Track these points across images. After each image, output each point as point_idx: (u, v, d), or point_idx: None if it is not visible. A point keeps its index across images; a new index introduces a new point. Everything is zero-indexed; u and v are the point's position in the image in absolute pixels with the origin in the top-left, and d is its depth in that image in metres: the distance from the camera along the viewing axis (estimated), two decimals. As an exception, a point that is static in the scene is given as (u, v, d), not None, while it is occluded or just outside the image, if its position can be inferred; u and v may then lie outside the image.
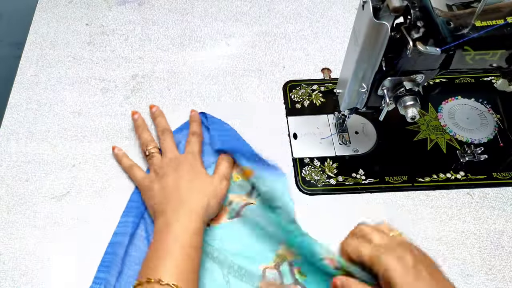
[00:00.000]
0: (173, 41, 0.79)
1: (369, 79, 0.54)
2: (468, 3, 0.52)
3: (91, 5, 0.83)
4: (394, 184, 0.63)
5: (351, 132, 0.67)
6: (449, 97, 0.71)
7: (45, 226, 0.59)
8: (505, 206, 0.61)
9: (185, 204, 0.55)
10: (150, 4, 0.84)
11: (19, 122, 0.69)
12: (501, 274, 0.56)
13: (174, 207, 0.55)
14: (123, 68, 0.75)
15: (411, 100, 0.53)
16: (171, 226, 0.53)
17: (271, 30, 0.80)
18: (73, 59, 0.76)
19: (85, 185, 0.63)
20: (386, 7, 0.47)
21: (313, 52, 0.77)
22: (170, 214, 0.54)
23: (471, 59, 0.51)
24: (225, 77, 0.74)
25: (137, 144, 0.67)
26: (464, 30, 0.48)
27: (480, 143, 0.66)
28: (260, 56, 0.77)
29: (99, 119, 0.69)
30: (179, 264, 0.50)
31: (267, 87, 0.73)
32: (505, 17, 0.48)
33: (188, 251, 0.51)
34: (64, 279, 0.56)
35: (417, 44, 0.48)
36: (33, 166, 0.64)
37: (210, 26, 0.81)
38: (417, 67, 0.52)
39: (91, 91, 0.72)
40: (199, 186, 0.57)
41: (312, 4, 0.84)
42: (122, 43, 0.78)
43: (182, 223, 0.53)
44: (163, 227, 0.53)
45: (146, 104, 0.71)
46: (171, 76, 0.74)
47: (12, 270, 0.56)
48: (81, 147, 0.66)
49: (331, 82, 0.73)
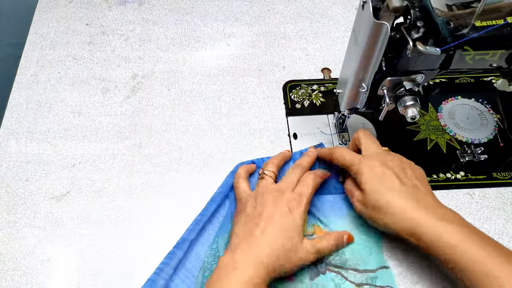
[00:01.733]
0: (173, 41, 0.79)
1: (369, 79, 0.54)
2: (468, 3, 0.52)
3: (91, 5, 0.83)
4: (394, 184, 0.63)
5: (351, 132, 0.67)
6: (449, 97, 0.71)
7: (45, 226, 0.59)
8: (505, 206, 0.61)
9: (256, 252, 0.49)
10: (150, 4, 0.84)
11: (19, 122, 0.69)
12: (501, 274, 0.56)
13: (245, 249, 0.50)
14: (123, 68, 0.75)
15: (411, 100, 0.53)
16: (235, 272, 0.48)
17: (271, 30, 0.81)
18: (73, 59, 0.76)
19: (85, 185, 0.63)
20: (386, 7, 0.47)
21: (313, 52, 0.77)
22: (239, 257, 0.49)
23: (471, 59, 0.51)
24: (225, 77, 0.75)
25: (137, 144, 0.67)
26: (464, 30, 0.48)
27: (480, 143, 0.66)
28: (260, 56, 0.77)
29: (99, 119, 0.69)
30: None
31: (267, 87, 0.73)
32: (505, 17, 0.48)
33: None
34: (64, 279, 0.56)
35: (417, 44, 0.48)
36: (33, 166, 0.64)
37: (210, 26, 0.81)
38: (417, 67, 0.52)
39: (91, 91, 0.72)
40: (286, 243, 0.51)
41: (312, 4, 0.84)
42: (122, 43, 0.78)
43: (247, 273, 0.48)
44: (228, 266, 0.49)
45: (146, 104, 0.71)
46: (171, 76, 0.74)
47: (12, 270, 0.56)
48: (81, 147, 0.66)
49: (331, 82, 0.73)
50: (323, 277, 0.54)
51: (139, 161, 0.65)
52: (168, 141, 0.67)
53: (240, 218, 0.54)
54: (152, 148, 0.67)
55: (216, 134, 0.68)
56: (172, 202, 0.62)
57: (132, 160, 0.65)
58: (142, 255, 0.58)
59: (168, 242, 0.57)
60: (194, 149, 0.67)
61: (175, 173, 0.64)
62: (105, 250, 0.58)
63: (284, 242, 0.50)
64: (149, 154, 0.66)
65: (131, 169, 0.64)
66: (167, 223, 0.60)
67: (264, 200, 0.53)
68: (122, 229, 0.59)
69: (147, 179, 0.64)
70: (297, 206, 0.53)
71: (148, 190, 0.63)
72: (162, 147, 0.67)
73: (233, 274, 0.48)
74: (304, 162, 0.60)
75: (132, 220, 0.60)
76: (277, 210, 0.52)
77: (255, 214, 0.53)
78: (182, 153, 0.66)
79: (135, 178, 0.64)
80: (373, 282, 0.54)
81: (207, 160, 0.65)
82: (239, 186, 0.58)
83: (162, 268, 0.54)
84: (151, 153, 0.66)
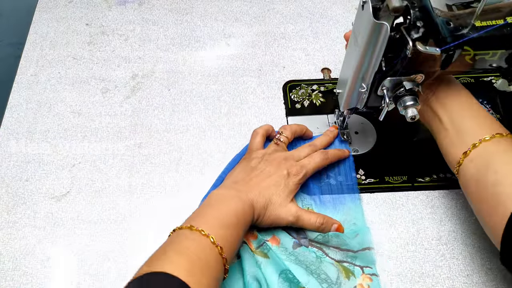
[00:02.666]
0: (173, 41, 0.79)
1: (369, 79, 0.54)
2: (468, 3, 0.52)
3: (91, 5, 0.83)
4: (394, 184, 0.63)
5: (351, 132, 0.67)
6: (449, 97, 0.71)
7: (45, 226, 0.59)
8: (505, 206, 0.61)
9: (248, 195, 0.55)
10: (150, 4, 0.84)
11: (19, 122, 0.69)
12: (501, 274, 0.56)
13: (239, 189, 0.55)
14: (123, 68, 0.75)
15: (411, 100, 0.53)
16: (225, 203, 0.53)
17: (271, 30, 0.81)
18: (73, 59, 0.76)
19: (85, 185, 0.63)
20: (386, 7, 0.47)
21: (313, 52, 0.77)
22: (232, 192, 0.54)
23: (471, 59, 0.51)
24: (225, 77, 0.75)
25: (137, 144, 0.67)
26: (464, 30, 0.48)
27: (480, 143, 0.66)
28: (260, 56, 0.77)
29: (99, 119, 0.69)
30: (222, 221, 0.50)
31: (267, 87, 0.73)
32: (505, 17, 0.48)
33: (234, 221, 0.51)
34: (64, 279, 0.56)
35: (417, 44, 0.48)
36: (33, 166, 0.64)
37: (210, 26, 0.81)
38: (417, 67, 0.52)
39: (91, 91, 0.72)
40: (275, 198, 0.56)
41: (312, 4, 0.84)
42: (122, 43, 0.78)
43: (235, 205, 0.53)
44: (218, 197, 0.54)
45: (146, 104, 0.71)
46: (171, 76, 0.74)
47: (12, 270, 0.56)
48: (81, 147, 0.66)
49: (331, 82, 0.73)
50: (305, 248, 0.56)
51: (139, 161, 0.65)
52: (168, 141, 0.67)
53: (243, 166, 0.59)
54: (152, 148, 0.67)
55: (216, 134, 0.68)
56: (172, 202, 0.62)
57: (132, 160, 0.65)
58: (142, 255, 0.57)
59: (168, 242, 0.57)
60: (194, 149, 0.67)
61: (175, 173, 0.64)
62: (105, 250, 0.58)
63: (272, 197, 0.56)
64: (149, 154, 0.66)
65: (131, 169, 0.65)
66: (167, 223, 0.60)
67: (270, 160, 0.59)
68: (122, 229, 0.59)
69: (147, 179, 0.64)
70: (295, 174, 0.58)
71: (148, 190, 0.63)
72: (162, 147, 0.67)
73: (226, 203, 0.53)
74: (318, 142, 0.64)
75: (132, 220, 0.60)
76: (277, 171, 0.58)
77: (257, 167, 0.58)
78: (182, 153, 0.66)
79: (135, 178, 0.64)
80: (352, 261, 0.56)
81: (207, 160, 0.65)
82: (255, 140, 0.63)
83: None
84: (151, 153, 0.66)
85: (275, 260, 0.55)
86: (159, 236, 0.58)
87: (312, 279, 0.53)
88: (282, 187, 0.57)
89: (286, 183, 0.57)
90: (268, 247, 0.56)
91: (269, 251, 0.56)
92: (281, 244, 0.57)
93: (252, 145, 0.62)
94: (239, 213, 0.52)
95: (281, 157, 0.60)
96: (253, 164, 0.59)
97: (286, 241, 0.57)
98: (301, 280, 0.53)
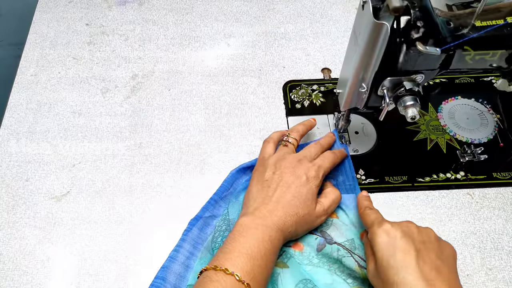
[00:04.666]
0: (173, 41, 0.79)
1: (369, 79, 0.54)
2: (468, 3, 0.52)
3: (91, 5, 0.83)
4: (394, 184, 0.63)
5: (351, 132, 0.67)
6: (449, 97, 0.71)
7: (45, 226, 0.59)
8: (505, 206, 0.61)
9: (274, 217, 0.52)
10: (150, 4, 0.84)
11: (19, 122, 0.69)
12: (501, 274, 0.56)
13: (264, 213, 0.52)
14: (123, 68, 0.75)
15: (411, 100, 0.53)
16: (253, 232, 0.51)
17: (271, 30, 0.81)
18: (73, 59, 0.76)
19: (85, 185, 0.63)
20: (386, 7, 0.47)
21: (313, 52, 0.77)
22: (258, 220, 0.52)
23: (471, 59, 0.51)
24: (225, 77, 0.75)
25: (137, 144, 0.67)
26: (464, 30, 0.48)
27: (480, 143, 0.66)
28: (260, 56, 0.77)
29: (99, 119, 0.69)
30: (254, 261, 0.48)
31: (267, 87, 0.73)
32: (505, 17, 0.48)
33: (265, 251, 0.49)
34: (64, 279, 0.56)
35: (417, 44, 0.48)
36: (33, 166, 0.64)
37: (210, 26, 0.81)
38: (417, 67, 0.52)
39: (91, 91, 0.72)
40: (301, 210, 0.54)
41: (312, 4, 0.84)
42: (122, 43, 0.78)
43: (264, 233, 0.51)
44: (247, 226, 0.51)
45: (146, 104, 0.71)
46: (171, 76, 0.74)
47: (12, 270, 0.56)
48: (81, 147, 0.66)
49: (331, 82, 0.73)
50: (329, 247, 0.55)
51: (139, 161, 0.65)
52: (168, 141, 0.67)
53: (257, 181, 0.57)
54: (152, 148, 0.67)
55: (216, 134, 0.68)
56: (172, 202, 0.62)
57: (132, 160, 0.65)
58: (142, 255, 0.58)
59: (168, 242, 0.57)
60: (194, 149, 0.67)
61: (175, 173, 0.64)
62: (105, 250, 0.58)
63: (299, 210, 0.53)
64: (149, 154, 0.66)
65: (131, 169, 0.65)
66: (167, 223, 0.60)
67: (284, 168, 0.56)
68: (122, 229, 0.59)
69: (147, 179, 0.64)
70: (314, 176, 0.56)
71: (148, 190, 0.63)
72: (162, 147, 0.67)
73: (250, 233, 0.50)
74: (324, 141, 0.62)
75: (132, 220, 0.60)
76: (295, 179, 0.55)
77: (273, 179, 0.56)
78: (182, 153, 0.66)
79: (135, 178, 0.64)
80: None
81: (207, 160, 0.65)
82: (266, 148, 0.60)
83: (180, 245, 0.57)
84: (151, 153, 0.66)
85: (295, 268, 0.54)
86: (159, 236, 0.59)
87: (336, 278, 0.53)
88: (304, 197, 0.54)
89: (307, 190, 0.55)
90: (290, 254, 0.55)
91: (289, 260, 0.54)
92: (304, 249, 0.55)
93: (264, 153, 0.60)
94: (266, 242, 0.50)
95: (295, 160, 0.57)
96: (267, 176, 0.56)
97: (310, 243, 0.56)
98: (325, 282, 0.52)
